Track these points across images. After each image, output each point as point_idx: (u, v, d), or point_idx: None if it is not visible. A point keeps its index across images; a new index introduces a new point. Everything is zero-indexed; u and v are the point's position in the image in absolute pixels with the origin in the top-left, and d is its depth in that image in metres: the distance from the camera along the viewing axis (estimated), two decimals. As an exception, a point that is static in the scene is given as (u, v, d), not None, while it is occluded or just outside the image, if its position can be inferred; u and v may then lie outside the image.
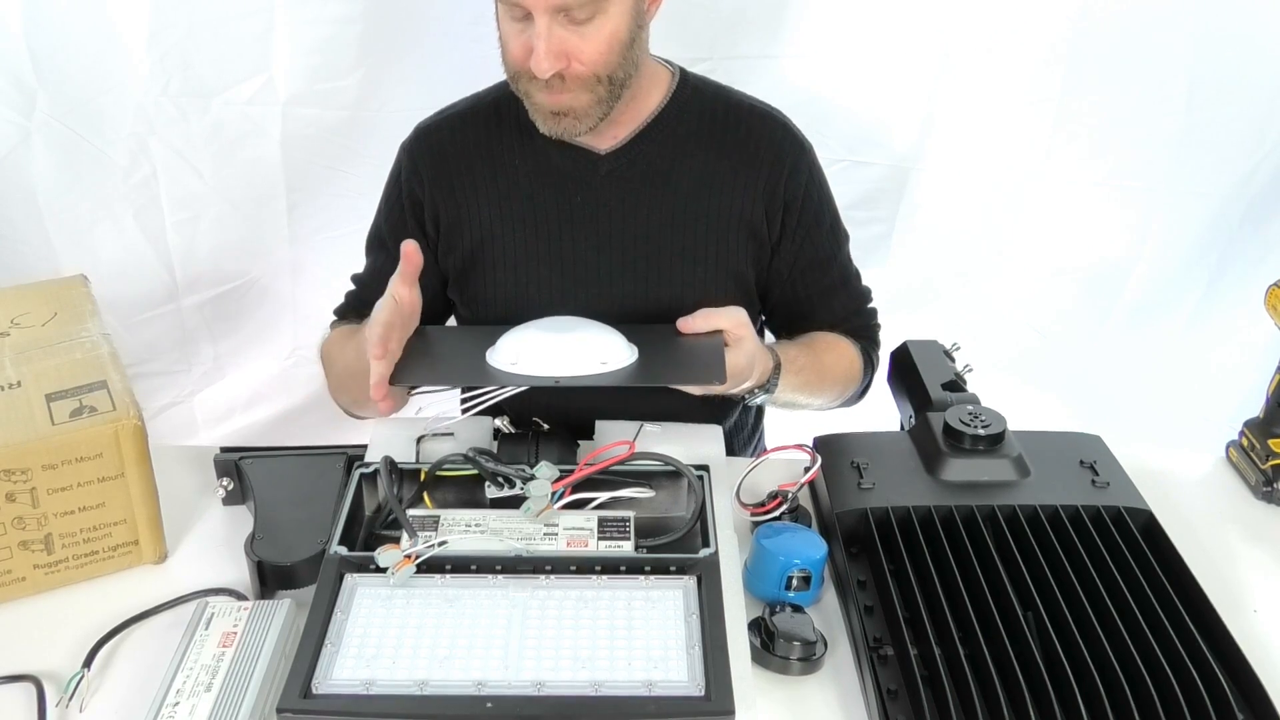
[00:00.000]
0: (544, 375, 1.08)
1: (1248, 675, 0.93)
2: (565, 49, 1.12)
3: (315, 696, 0.84)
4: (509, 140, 1.29)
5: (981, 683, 0.92)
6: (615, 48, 1.15)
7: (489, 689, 0.84)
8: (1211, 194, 1.88)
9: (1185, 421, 1.96)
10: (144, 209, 1.79)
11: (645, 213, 1.28)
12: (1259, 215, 1.89)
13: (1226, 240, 1.91)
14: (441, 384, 1.08)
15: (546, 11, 1.09)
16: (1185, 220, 1.91)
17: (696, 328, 1.14)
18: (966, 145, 1.86)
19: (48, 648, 0.98)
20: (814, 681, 0.98)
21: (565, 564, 0.97)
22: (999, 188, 1.90)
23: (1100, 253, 1.95)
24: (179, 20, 1.64)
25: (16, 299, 1.23)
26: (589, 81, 1.16)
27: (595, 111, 1.19)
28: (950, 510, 1.11)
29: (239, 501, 1.18)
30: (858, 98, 1.79)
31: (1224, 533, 1.20)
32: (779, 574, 1.04)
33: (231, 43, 1.68)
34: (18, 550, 1.03)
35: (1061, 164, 1.87)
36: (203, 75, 1.69)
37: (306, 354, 1.97)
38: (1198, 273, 1.94)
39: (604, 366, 1.09)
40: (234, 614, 0.99)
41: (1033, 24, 1.74)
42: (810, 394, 1.32)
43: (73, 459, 1.02)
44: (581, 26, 1.12)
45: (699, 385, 1.11)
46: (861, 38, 1.76)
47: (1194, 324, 1.97)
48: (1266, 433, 1.30)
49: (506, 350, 1.11)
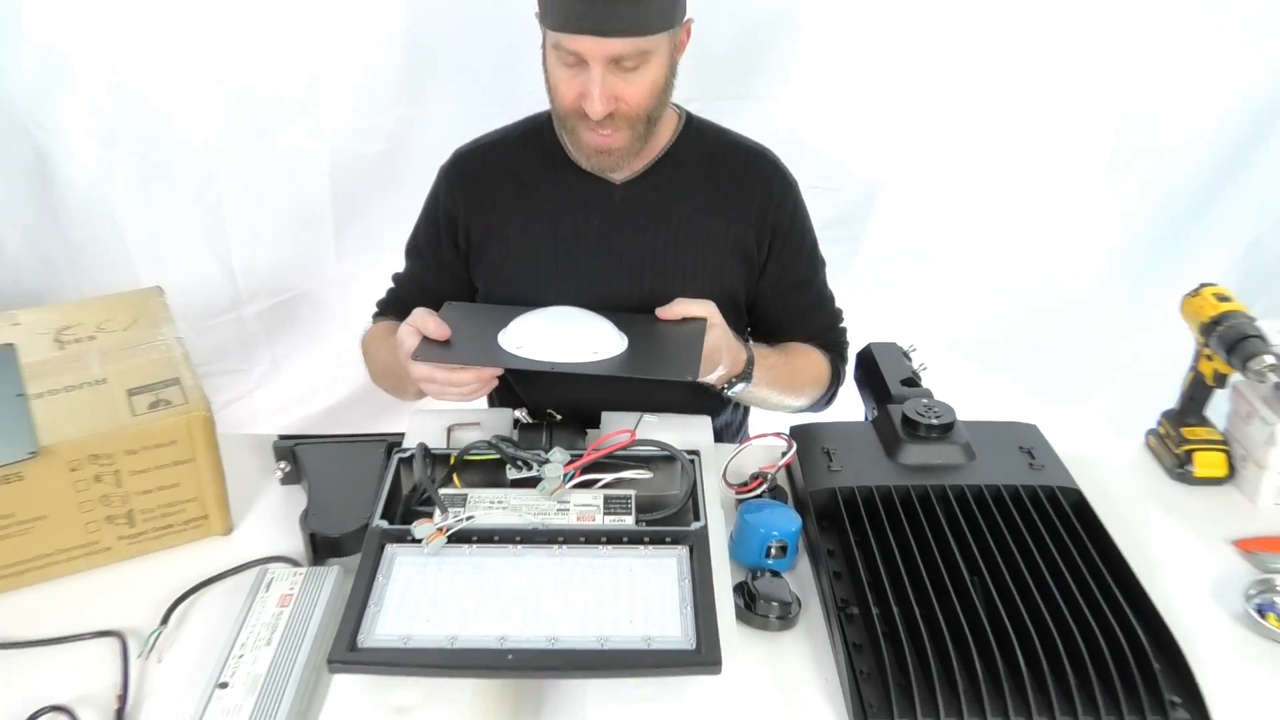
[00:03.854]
0: (543, 360, 1.08)
1: (1162, 629, 0.94)
2: (615, 93, 1.12)
3: (360, 649, 0.84)
4: (535, 168, 1.29)
5: (934, 637, 0.92)
6: (655, 92, 1.15)
7: (510, 642, 0.85)
8: (1135, 215, 1.88)
9: (1110, 412, 1.97)
10: (211, 230, 1.80)
11: (652, 236, 1.27)
12: (1175, 234, 1.89)
13: (1148, 257, 1.91)
14: (457, 363, 1.09)
15: (602, 61, 1.09)
16: (1112, 239, 1.91)
17: (674, 314, 1.15)
18: (924, 175, 1.86)
19: (130, 608, 0.99)
20: (790, 637, 0.98)
21: (575, 535, 0.97)
22: (952, 211, 1.90)
23: (1039, 266, 1.95)
24: (241, 66, 1.65)
25: (102, 308, 1.23)
26: (633, 121, 1.16)
27: (634, 148, 1.19)
28: (907, 489, 1.11)
29: (295, 481, 1.18)
30: (828, 133, 1.79)
31: (1143, 508, 1.20)
32: (760, 544, 1.05)
33: (286, 87, 1.68)
34: (104, 524, 1.04)
35: (1005, 189, 1.88)
36: (261, 114, 1.70)
37: (352, 356, 1.96)
38: (1124, 284, 1.94)
39: (595, 355, 1.09)
40: (290, 579, 0.99)
41: (982, 71, 1.75)
42: (782, 391, 1.31)
43: (151, 445, 1.03)
44: (629, 74, 1.11)
45: (673, 376, 1.09)
46: (832, 81, 1.76)
47: (1119, 329, 1.97)
48: (1180, 422, 1.30)
49: (514, 334, 1.12)
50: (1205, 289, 1.28)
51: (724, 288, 1.30)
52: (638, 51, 1.09)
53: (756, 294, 1.34)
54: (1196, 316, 1.27)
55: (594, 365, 1.08)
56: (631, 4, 1.06)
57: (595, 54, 1.08)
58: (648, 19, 1.08)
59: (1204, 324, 1.25)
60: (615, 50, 1.08)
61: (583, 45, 1.07)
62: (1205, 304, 1.26)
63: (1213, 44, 1.72)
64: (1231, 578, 1.07)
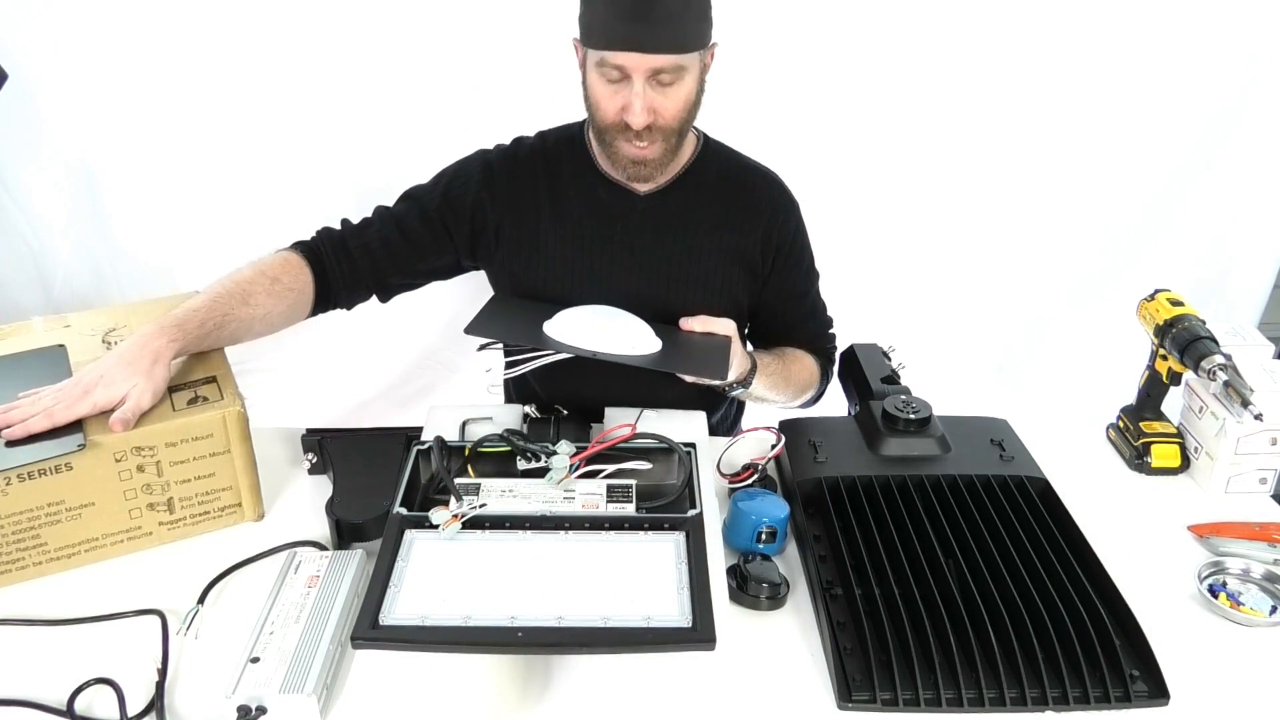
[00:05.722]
0: (586, 348, 1.10)
1: (1122, 608, 0.94)
2: (654, 105, 1.14)
3: (381, 627, 0.83)
4: (567, 176, 1.29)
5: (912, 616, 0.92)
6: (688, 106, 1.17)
7: (520, 621, 0.84)
8: (1096, 229, 1.88)
9: (1074, 407, 1.96)
10: (245, 238, 1.77)
11: (670, 245, 1.28)
12: (1133, 243, 1.89)
13: (1109, 266, 1.91)
14: (507, 340, 1.11)
15: (643, 75, 1.11)
16: (1075, 250, 1.91)
17: (694, 327, 1.18)
18: (901, 188, 1.86)
19: (169, 588, 0.98)
20: (779, 615, 0.98)
21: (580, 522, 0.97)
22: (927, 222, 1.90)
23: (1009, 275, 1.95)
24: (273, 87, 1.65)
25: (146, 311, 1.23)
26: (667, 133, 1.17)
27: (665, 160, 1.21)
28: (888, 479, 1.11)
29: (321, 471, 1.18)
30: (808, 149, 1.78)
31: (1104, 496, 1.20)
32: (751, 530, 1.04)
33: (314, 106, 1.68)
34: (146, 510, 1.03)
35: (977, 206, 1.87)
36: (292, 132, 1.69)
37: (374, 355, 1.97)
38: (1086, 291, 1.94)
39: (634, 350, 1.11)
40: (317, 562, 0.99)
41: (954, 84, 1.74)
42: (776, 392, 1.33)
43: (190, 438, 1.02)
44: (666, 89, 1.13)
45: (704, 378, 1.14)
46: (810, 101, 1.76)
47: (1082, 331, 1.97)
48: (1138, 417, 1.29)
49: (560, 323, 1.14)
50: (1160, 294, 1.28)
51: (731, 295, 1.31)
52: (675, 66, 1.11)
53: (759, 303, 1.36)
54: (1152, 319, 1.26)
55: (634, 358, 1.11)
56: (672, 23, 1.09)
57: (638, 68, 1.10)
58: (685, 37, 1.11)
59: (1159, 326, 1.24)
60: (656, 64, 1.10)
61: (627, 60, 1.10)
62: (1160, 308, 1.25)
63: (1168, 71, 1.72)
64: (1186, 560, 1.07)
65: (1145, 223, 1.87)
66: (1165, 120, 1.76)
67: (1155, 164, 1.81)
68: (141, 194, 1.71)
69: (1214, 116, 1.77)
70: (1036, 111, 1.76)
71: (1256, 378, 1.17)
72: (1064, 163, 1.81)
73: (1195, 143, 1.80)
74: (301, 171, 1.74)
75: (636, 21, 1.07)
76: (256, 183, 1.74)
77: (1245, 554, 1.07)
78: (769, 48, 1.71)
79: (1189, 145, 1.80)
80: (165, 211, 1.73)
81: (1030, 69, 1.72)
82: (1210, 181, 1.83)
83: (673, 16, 1.08)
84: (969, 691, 0.86)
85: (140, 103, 1.63)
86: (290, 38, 1.61)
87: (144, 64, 1.60)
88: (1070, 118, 1.77)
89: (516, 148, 1.33)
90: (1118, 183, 1.83)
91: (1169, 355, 1.23)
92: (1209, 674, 0.91)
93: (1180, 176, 1.83)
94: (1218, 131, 1.78)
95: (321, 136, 1.70)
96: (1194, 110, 1.76)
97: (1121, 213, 1.86)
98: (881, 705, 0.86)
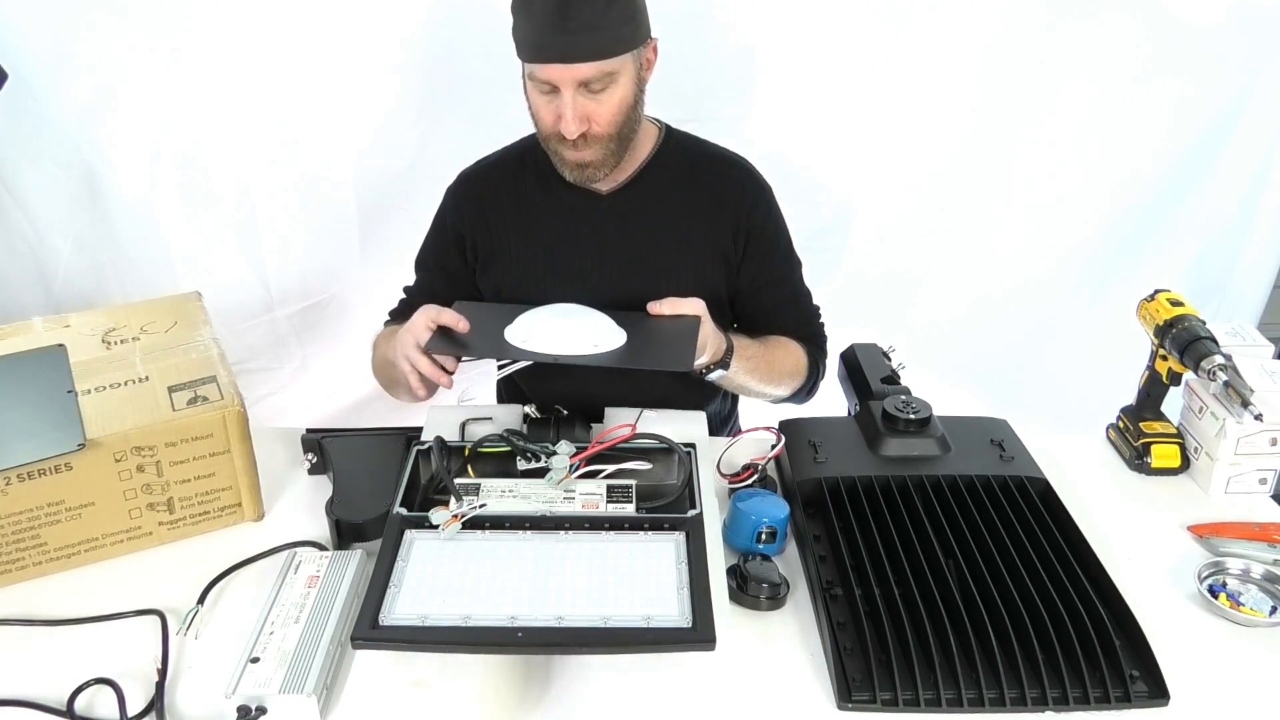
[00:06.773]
0: (547, 352, 1.08)
1: (1122, 608, 0.94)
2: (586, 114, 1.14)
3: (381, 627, 0.84)
4: (531, 184, 1.30)
5: (912, 617, 0.92)
6: (624, 110, 1.16)
7: (520, 621, 0.84)
8: (1096, 230, 1.88)
9: (1074, 408, 1.96)
10: (246, 240, 1.79)
11: (637, 240, 1.28)
12: (1131, 244, 1.88)
13: (1109, 267, 1.90)
14: (465, 355, 1.10)
15: (570, 86, 1.11)
16: (1076, 250, 1.91)
17: (663, 310, 1.15)
18: (899, 191, 1.86)
19: (169, 588, 0.98)
20: (779, 616, 0.98)
21: (580, 522, 0.97)
22: (927, 223, 1.89)
23: (1010, 275, 1.94)
24: (273, 91, 1.64)
25: (145, 311, 1.23)
26: (605, 139, 1.17)
27: (609, 162, 1.21)
28: (887, 479, 1.11)
29: (321, 471, 1.18)
30: (812, 152, 1.78)
31: (1104, 497, 1.20)
32: (751, 530, 1.04)
33: (314, 110, 1.67)
34: (146, 510, 1.03)
35: (977, 205, 1.87)
36: (292, 135, 1.69)
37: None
38: (1087, 291, 1.93)
39: (596, 348, 1.09)
40: (317, 562, 0.99)
41: (954, 90, 1.74)
42: (760, 379, 1.30)
43: (189, 438, 1.02)
44: (598, 95, 1.13)
45: (669, 368, 1.11)
46: (814, 105, 1.75)
47: (1082, 331, 1.97)
48: (1138, 417, 1.29)
49: (520, 329, 1.12)
50: (1160, 294, 1.27)
51: (706, 285, 1.30)
52: (603, 74, 1.11)
53: (736, 290, 1.34)
54: (1152, 320, 1.26)
55: (594, 357, 1.09)
56: (591, 32, 1.08)
57: (564, 79, 1.11)
58: (607, 44, 1.10)
59: (1159, 327, 1.24)
60: (582, 74, 1.10)
61: (552, 73, 1.11)
62: (1160, 308, 1.25)
63: (1169, 71, 1.72)
64: (1186, 561, 1.06)
65: (1145, 223, 1.87)
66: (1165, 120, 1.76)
67: (1155, 164, 1.81)
68: (141, 194, 1.71)
69: (1214, 117, 1.76)
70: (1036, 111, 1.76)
71: (1256, 378, 1.17)
72: (1064, 163, 1.81)
73: (1195, 143, 1.79)
74: (301, 172, 1.73)
75: (556, 33, 1.08)
76: (256, 183, 1.73)
77: (1245, 554, 1.07)
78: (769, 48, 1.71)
79: (1189, 145, 1.79)
80: (165, 211, 1.73)
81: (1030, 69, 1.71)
82: (1210, 182, 1.83)
83: (591, 25, 1.08)
84: (969, 692, 0.86)
85: (140, 103, 1.63)
86: (290, 38, 1.61)
87: (144, 64, 1.60)
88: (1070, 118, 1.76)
89: (476, 167, 1.35)
90: (1118, 183, 1.82)
91: (1169, 355, 1.23)
92: (1209, 674, 0.91)
93: (1180, 176, 1.82)
94: (1218, 132, 1.78)
95: (321, 137, 1.70)
96: (1194, 110, 1.76)
97: (1121, 213, 1.85)
98: (881, 705, 0.86)
